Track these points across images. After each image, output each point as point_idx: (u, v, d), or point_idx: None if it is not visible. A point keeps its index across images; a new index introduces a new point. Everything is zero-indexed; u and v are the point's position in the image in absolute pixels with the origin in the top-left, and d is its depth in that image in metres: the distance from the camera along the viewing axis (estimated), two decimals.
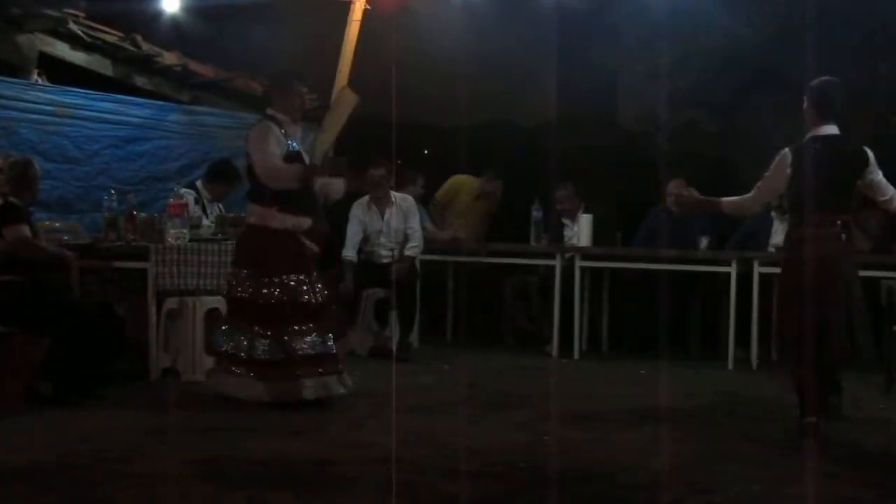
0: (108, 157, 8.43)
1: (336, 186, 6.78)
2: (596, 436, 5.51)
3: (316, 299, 6.07)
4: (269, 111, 6.20)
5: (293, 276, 6.02)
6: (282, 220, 6.03)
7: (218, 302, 7.15)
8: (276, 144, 6.05)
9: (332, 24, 9.95)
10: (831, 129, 5.71)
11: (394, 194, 8.56)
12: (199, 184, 8.23)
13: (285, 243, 6.06)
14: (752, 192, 5.93)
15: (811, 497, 4.40)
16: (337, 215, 8.90)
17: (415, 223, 8.52)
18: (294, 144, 6.23)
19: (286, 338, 5.97)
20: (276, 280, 6.00)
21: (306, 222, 6.17)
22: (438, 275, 9.26)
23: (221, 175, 8.24)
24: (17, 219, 6.20)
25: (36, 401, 6.03)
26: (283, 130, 6.13)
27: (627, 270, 8.67)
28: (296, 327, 5.99)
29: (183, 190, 7.64)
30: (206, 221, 7.82)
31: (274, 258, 6.02)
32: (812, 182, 5.59)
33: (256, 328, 6.01)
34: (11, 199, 6.29)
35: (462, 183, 9.67)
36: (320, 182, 6.55)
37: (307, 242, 6.16)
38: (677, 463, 4.90)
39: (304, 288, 6.03)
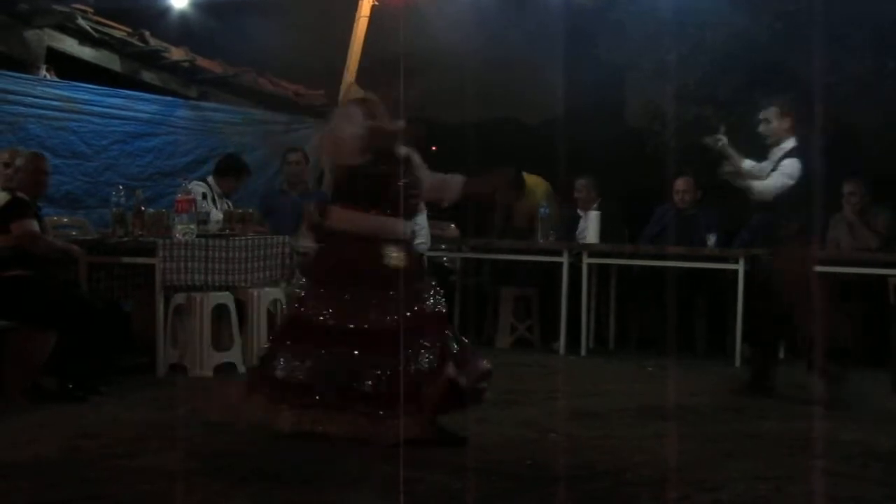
0: (116, 153, 8.44)
1: (453, 184, 5.44)
2: (602, 433, 5.50)
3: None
4: (368, 94, 5.28)
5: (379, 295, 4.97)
6: (372, 224, 5.04)
7: (226, 298, 7.18)
8: (353, 125, 4.97)
9: (339, 20, 9.96)
10: None
11: None
12: (210, 179, 8.26)
13: (372, 253, 5.03)
14: None
15: (817, 495, 4.40)
16: None
17: (422, 220, 8.51)
18: None
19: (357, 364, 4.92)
20: (361, 300, 4.97)
21: (401, 226, 5.12)
22: (444, 271, 9.27)
23: (230, 169, 8.27)
24: (24, 213, 6.21)
25: (41, 396, 6.05)
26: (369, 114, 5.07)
27: (634, 267, 8.67)
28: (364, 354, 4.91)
29: (194, 183, 7.68)
30: (215, 215, 7.86)
31: (358, 271, 5.02)
32: None
33: (322, 351, 4.96)
34: (19, 194, 6.30)
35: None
36: (431, 179, 5.39)
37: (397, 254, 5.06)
38: (683, 460, 4.89)
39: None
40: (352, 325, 4.94)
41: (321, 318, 4.99)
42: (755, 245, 8.22)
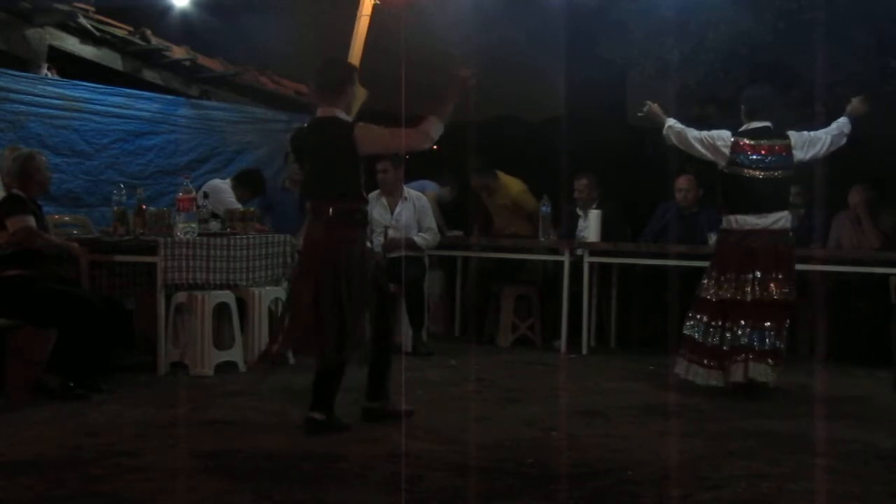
0: (117, 151, 8.44)
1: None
2: (604, 431, 5.50)
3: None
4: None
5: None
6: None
7: (227, 296, 7.18)
8: None
9: (341, 18, 9.96)
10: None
11: (408, 190, 8.55)
12: (228, 182, 8.43)
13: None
14: None
15: (819, 493, 4.40)
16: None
17: (430, 223, 8.51)
18: None
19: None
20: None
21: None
22: (447, 270, 9.27)
23: (251, 183, 8.57)
24: (20, 210, 6.21)
25: (43, 394, 6.05)
26: None
27: (636, 266, 8.67)
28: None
29: (218, 180, 8.09)
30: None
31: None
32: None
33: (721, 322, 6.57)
34: (14, 191, 6.30)
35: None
36: None
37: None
38: (685, 459, 4.90)
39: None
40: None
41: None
42: None
